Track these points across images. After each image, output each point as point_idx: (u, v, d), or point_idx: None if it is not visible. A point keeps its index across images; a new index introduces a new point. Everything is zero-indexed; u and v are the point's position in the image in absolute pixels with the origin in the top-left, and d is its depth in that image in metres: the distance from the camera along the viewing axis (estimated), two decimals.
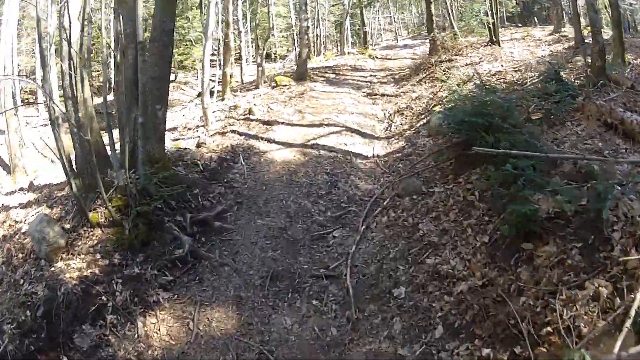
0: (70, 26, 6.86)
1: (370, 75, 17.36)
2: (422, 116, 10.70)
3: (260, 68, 15.23)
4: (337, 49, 27.87)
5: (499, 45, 16.27)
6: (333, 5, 28.59)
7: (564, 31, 18.62)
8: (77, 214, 6.27)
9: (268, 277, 5.52)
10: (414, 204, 6.45)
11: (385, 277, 5.26)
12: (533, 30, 21.25)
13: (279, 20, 28.78)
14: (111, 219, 5.82)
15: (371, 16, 31.56)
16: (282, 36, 29.79)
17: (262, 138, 9.36)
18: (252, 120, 10.70)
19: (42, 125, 17.25)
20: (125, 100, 6.42)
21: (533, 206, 4.39)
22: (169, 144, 9.34)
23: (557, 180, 4.93)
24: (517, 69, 12.01)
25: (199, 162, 7.63)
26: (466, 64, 14.17)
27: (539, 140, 6.10)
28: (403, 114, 11.57)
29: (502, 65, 13.06)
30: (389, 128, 10.92)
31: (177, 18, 26.94)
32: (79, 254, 5.68)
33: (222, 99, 13.55)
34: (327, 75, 16.99)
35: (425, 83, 13.70)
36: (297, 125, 10.38)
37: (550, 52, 14.33)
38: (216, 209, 6.50)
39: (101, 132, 7.87)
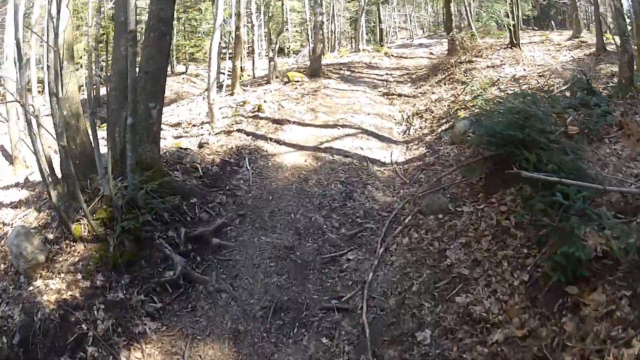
0: (58, 13, 6.13)
1: (387, 74, 16.53)
2: (444, 120, 9.87)
3: (272, 62, 14.43)
4: (352, 46, 27.05)
5: (520, 48, 15.39)
6: (348, 2, 27.64)
7: (583, 36, 17.92)
8: (60, 224, 5.55)
9: (271, 307, 4.74)
10: (439, 224, 5.66)
11: (408, 315, 4.48)
12: (551, 35, 20.43)
13: (293, 15, 28.06)
14: (94, 233, 5.10)
15: (386, 14, 30.60)
16: (296, 31, 29.08)
17: (270, 139, 8.59)
18: (261, 118, 9.94)
19: (46, 115, 16.68)
20: (116, 98, 5.67)
21: (583, 247, 3.73)
22: (170, 142, 8.65)
23: (604, 211, 4.22)
24: (541, 74, 11.14)
25: (199, 166, 6.87)
26: (487, 66, 13.34)
27: (584, 160, 5.33)
28: (422, 116, 10.74)
29: (524, 70, 12.23)
30: (408, 131, 10.10)
31: (190, 9, 26.68)
32: (59, 273, 4.96)
33: (232, 94, 12.82)
34: (341, 72, 16.17)
35: (445, 84, 12.83)
36: (309, 125, 9.58)
37: (572, 58, 13.50)
38: (215, 223, 5.73)
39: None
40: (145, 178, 5.27)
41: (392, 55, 21.01)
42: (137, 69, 5.56)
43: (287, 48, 28.72)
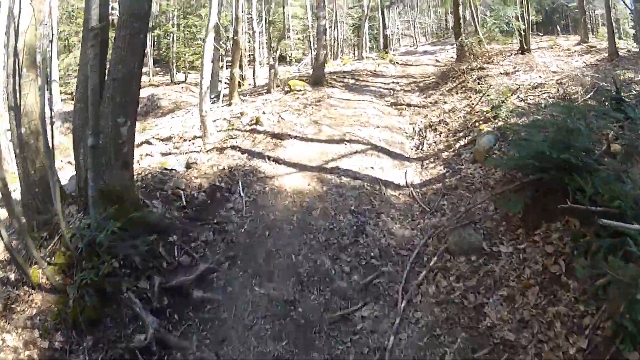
0: (20, 13, 5.16)
1: (393, 82, 15.56)
2: (461, 134, 8.90)
3: (272, 70, 13.41)
4: (354, 54, 26.20)
5: (530, 54, 14.46)
6: (351, 8, 26.75)
7: (591, 41, 17.07)
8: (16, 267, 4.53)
9: None
10: (473, 269, 4.66)
11: None
12: (558, 40, 19.59)
13: (295, 22, 27.28)
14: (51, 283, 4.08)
15: (390, 20, 29.78)
16: (298, 38, 28.30)
17: (269, 157, 7.57)
18: (259, 132, 8.94)
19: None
20: (81, 112, 4.67)
21: None
22: (156, 160, 7.68)
23: None
24: (559, 81, 10.24)
25: (182, 193, 5.83)
26: (500, 73, 12.38)
27: None
28: (436, 129, 9.75)
29: (540, 77, 11.29)
30: (421, 146, 9.11)
31: (189, 15, 25.83)
32: (16, 327, 3.99)
33: (229, 104, 11.83)
34: (345, 80, 15.21)
35: (457, 93, 11.86)
36: (312, 140, 8.57)
37: (585, 64, 12.67)
38: (198, 269, 4.68)
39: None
40: (111, 213, 4.23)
41: (397, 62, 20.05)
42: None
43: (289, 56, 27.98)
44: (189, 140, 9.39)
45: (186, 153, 8.16)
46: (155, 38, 27.44)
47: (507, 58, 14.39)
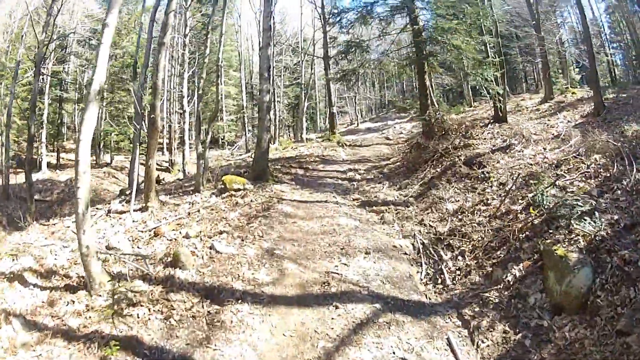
0: None
1: (350, 170, 12.59)
2: (502, 253, 5.84)
3: (202, 161, 9.80)
4: (289, 136, 23.67)
5: (506, 122, 12.28)
6: (288, 86, 24.47)
7: (557, 97, 15.60)
8: None
9: None
10: None
11: None
12: (521, 100, 18.03)
13: (229, 101, 24.65)
14: None
15: (321, 98, 27.93)
16: (231, 119, 25.51)
17: None
18: (178, 286, 5.25)
19: None
20: None
21: None
22: None
23: None
24: (577, 154, 7.85)
25: None
26: (492, 150, 9.79)
27: None
28: (450, 244, 6.67)
29: (548, 150, 8.96)
30: (441, 280, 5.90)
31: (117, 89, 22.12)
32: None
33: (145, 207, 8.06)
34: (293, 171, 12.04)
35: (450, 183, 8.92)
36: (274, 301, 4.94)
37: (576, 124, 10.58)
38: None
39: None
40: None
41: (345, 144, 17.40)
42: None
43: (222, 139, 25.38)
44: (64, 293, 5.33)
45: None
46: (78, 111, 23.56)
47: (485, 129, 12.05)
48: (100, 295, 5.05)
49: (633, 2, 16.62)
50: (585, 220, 5.33)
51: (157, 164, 24.57)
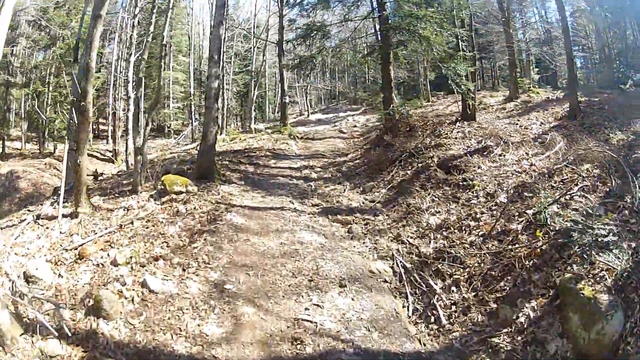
0: None
1: (305, 167, 11.23)
2: (506, 285, 4.82)
3: (139, 157, 7.99)
4: (236, 125, 22.02)
5: (475, 120, 11.40)
6: (237, 73, 22.61)
7: (523, 96, 14.92)
8: None
9: None
10: None
11: None
12: (482, 98, 17.35)
13: (176, 87, 22.65)
14: None
15: (271, 87, 26.26)
16: (178, 107, 23.46)
17: None
18: (99, 347, 4.04)
19: None
20: None
21: None
22: None
23: None
24: (571, 161, 6.95)
25: None
26: (467, 152, 8.81)
27: None
28: (439, 270, 5.50)
29: (529, 156, 8.04)
30: (433, 317, 4.82)
31: (62, 72, 19.77)
32: None
33: (76, 214, 6.50)
34: (242, 167, 10.48)
35: (426, 190, 7.84)
36: None
37: (552, 127, 9.82)
38: None
39: None
40: None
41: (296, 136, 15.96)
42: None
43: (168, 127, 23.64)
44: None
45: None
46: (24, 97, 21.23)
47: (451, 126, 11.07)
48: (14, 355, 3.93)
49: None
50: (611, 251, 4.36)
51: (100, 154, 22.43)
